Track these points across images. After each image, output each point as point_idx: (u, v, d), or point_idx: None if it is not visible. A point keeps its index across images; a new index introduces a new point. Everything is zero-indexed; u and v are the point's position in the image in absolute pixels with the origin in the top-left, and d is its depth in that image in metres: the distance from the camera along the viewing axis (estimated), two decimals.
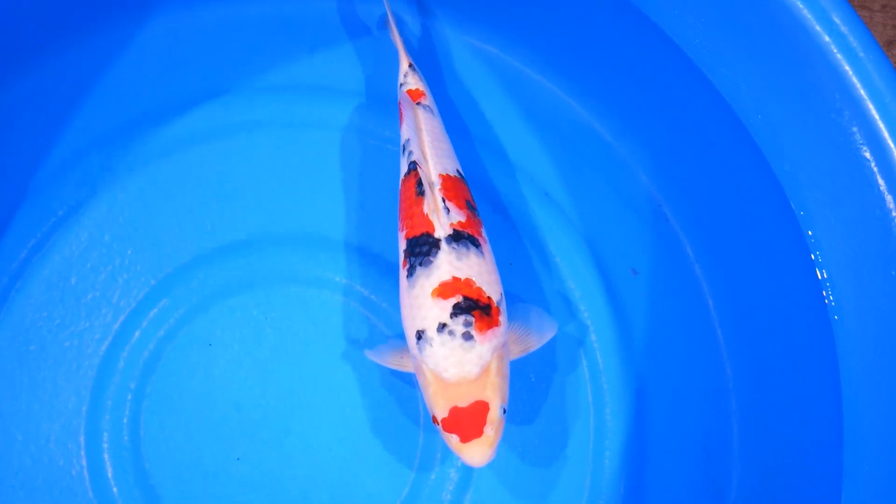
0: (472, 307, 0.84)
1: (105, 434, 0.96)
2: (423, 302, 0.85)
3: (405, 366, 0.89)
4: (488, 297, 0.85)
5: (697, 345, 0.99)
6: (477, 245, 0.87)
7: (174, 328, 0.98)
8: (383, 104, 1.01)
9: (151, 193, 0.99)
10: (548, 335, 0.91)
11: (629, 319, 1.00)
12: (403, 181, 0.91)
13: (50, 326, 0.96)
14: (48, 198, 0.98)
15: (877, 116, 0.80)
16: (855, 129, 0.82)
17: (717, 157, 0.97)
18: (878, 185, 0.81)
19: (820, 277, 0.88)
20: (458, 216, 0.87)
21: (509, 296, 0.97)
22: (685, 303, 0.99)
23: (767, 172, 0.90)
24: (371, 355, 0.92)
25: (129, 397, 0.96)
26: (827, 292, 0.87)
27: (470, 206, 0.89)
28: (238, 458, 0.95)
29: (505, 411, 0.83)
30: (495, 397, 0.83)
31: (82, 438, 0.96)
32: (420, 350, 0.84)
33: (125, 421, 0.96)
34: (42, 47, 0.98)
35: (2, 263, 0.97)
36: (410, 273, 0.86)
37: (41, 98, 0.99)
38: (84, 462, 0.95)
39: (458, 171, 0.91)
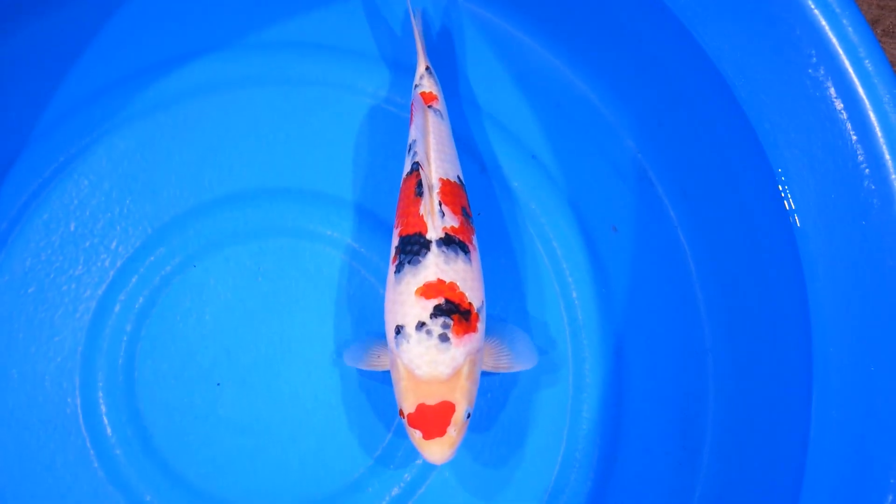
0: (453, 311, 0.87)
1: (100, 374, 0.99)
2: (406, 299, 0.88)
3: (380, 365, 0.92)
4: (469, 303, 0.88)
5: (677, 306, 1.01)
6: (466, 252, 0.89)
7: (169, 275, 1.01)
8: (381, 64, 1.05)
9: (150, 144, 1.02)
10: (523, 365, 0.93)
11: (610, 279, 1.03)
12: (405, 180, 0.93)
13: (48, 270, 0.99)
14: (49, 145, 1.01)
15: (853, 74, 0.83)
16: (831, 88, 0.85)
17: (701, 123, 0.99)
18: (851, 141, 0.84)
19: (798, 236, 0.90)
20: (451, 221, 0.90)
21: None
22: (666, 264, 1.02)
23: (750, 136, 0.92)
24: (347, 359, 0.95)
25: (125, 340, 0.99)
26: (805, 251, 0.90)
27: (465, 213, 0.91)
28: (218, 384, 0.97)
29: (469, 415, 0.86)
30: (463, 400, 0.86)
31: (77, 379, 0.99)
32: (397, 344, 0.87)
33: (120, 363, 0.99)
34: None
35: (2, 208, 1.00)
36: (399, 269, 0.89)
37: (44, 48, 1.01)
38: (78, 401, 0.98)
39: (458, 177, 0.93)
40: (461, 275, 0.88)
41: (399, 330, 0.87)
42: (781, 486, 0.91)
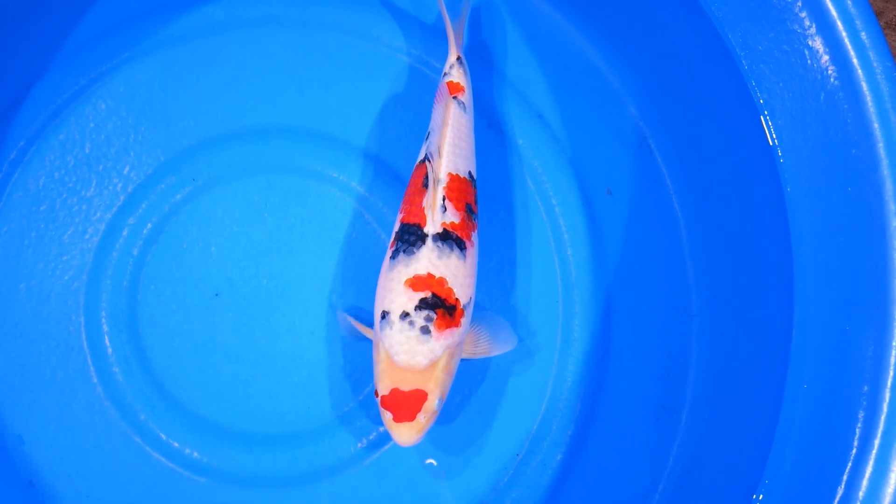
0: (438, 305, 0.89)
1: (104, 295, 1.02)
2: (395, 286, 0.90)
3: (363, 329, 0.95)
4: (456, 299, 0.90)
5: (667, 270, 1.04)
6: (462, 248, 0.91)
7: (179, 203, 1.03)
8: (398, 14, 1.07)
9: (169, 76, 1.05)
10: (502, 348, 0.96)
11: (605, 240, 1.06)
12: (417, 167, 0.95)
13: (61, 189, 1.02)
14: (72, 68, 1.03)
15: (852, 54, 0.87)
16: (830, 68, 0.88)
17: (703, 95, 1.02)
18: (847, 119, 0.87)
19: (789, 208, 0.93)
20: (453, 217, 0.91)
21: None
22: (660, 230, 1.05)
23: (751, 111, 0.95)
24: (341, 318, 0.98)
25: (131, 263, 1.02)
26: (795, 223, 0.93)
27: (469, 210, 0.93)
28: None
29: (441, 404, 0.89)
30: (436, 390, 0.88)
31: (83, 298, 1.02)
32: (381, 328, 0.89)
33: (124, 285, 1.02)
34: None
35: (22, 126, 1.03)
36: (394, 256, 0.91)
37: None
38: (82, 319, 1.01)
39: (470, 173, 0.95)
40: (452, 271, 0.90)
41: (384, 315, 0.90)
42: (752, 450, 0.94)
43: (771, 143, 0.94)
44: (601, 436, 1.03)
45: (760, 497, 0.90)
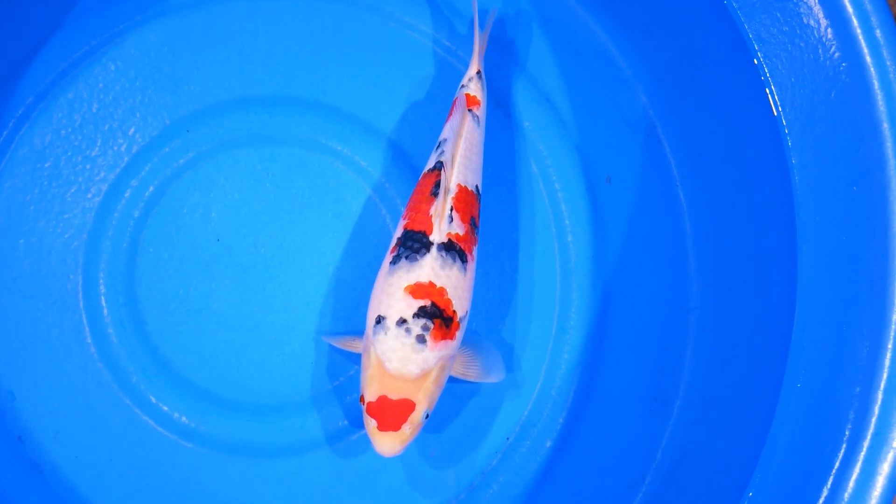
0: (436, 315, 0.88)
1: (103, 256, 1.02)
2: (394, 292, 0.89)
3: (353, 347, 0.95)
4: (454, 311, 0.89)
5: (669, 262, 1.04)
6: (464, 261, 0.91)
7: (181, 168, 1.03)
8: None
9: (179, 40, 1.05)
10: (490, 378, 0.96)
11: (607, 228, 1.05)
12: (424, 175, 0.95)
13: (66, 147, 1.02)
14: (82, 29, 1.04)
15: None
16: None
17: (715, 88, 1.01)
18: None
19: (797, 205, 0.92)
20: (458, 229, 0.91)
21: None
22: (664, 221, 1.04)
23: (765, 110, 0.94)
24: (326, 337, 0.99)
25: (131, 225, 1.02)
26: (801, 221, 0.92)
27: (472, 223, 0.93)
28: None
29: (427, 417, 0.88)
30: (424, 401, 0.88)
31: (82, 257, 1.02)
32: (374, 333, 0.89)
33: (124, 247, 1.02)
34: None
35: (31, 82, 1.03)
36: (395, 261, 0.91)
37: None
38: (80, 279, 1.01)
39: (477, 186, 0.95)
40: (453, 282, 0.90)
41: (380, 320, 0.89)
42: (743, 447, 0.93)
43: (780, 139, 0.93)
44: (592, 424, 1.03)
45: (751, 494, 0.89)
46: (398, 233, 0.93)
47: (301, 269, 1.03)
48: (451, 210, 0.91)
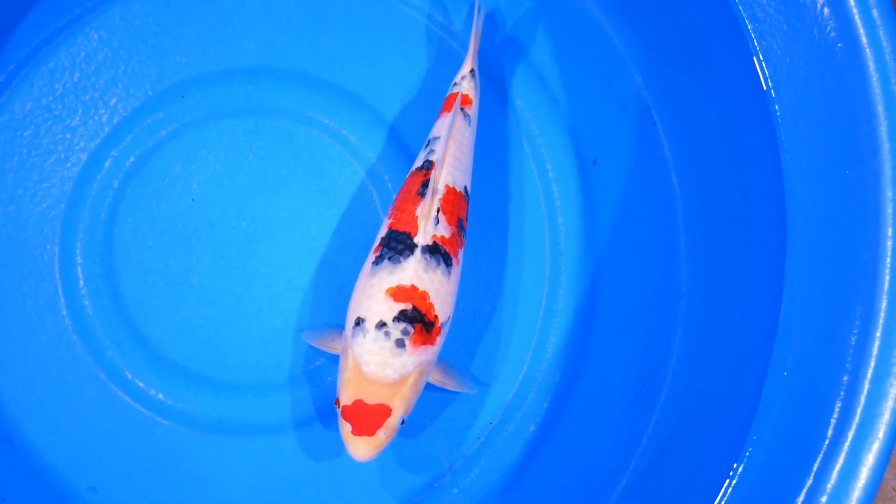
0: (417, 319, 0.86)
1: (81, 226, 1.00)
2: (375, 293, 0.87)
3: (332, 348, 0.93)
4: (435, 316, 0.87)
5: (659, 246, 1.01)
6: (448, 264, 0.88)
7: (163, 140, 1.02)
8: None
9: (164, 10, 1.03)
10: (467, 388, 0.95)
11: (598, 210, 1.03)
12: (412, 173, 0.92)
13: (46, 116, 1.00)
14: None
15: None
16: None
17: (711, 70, 0.99)
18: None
19: (787, 193, 0.90)
20: (444, 231, 0.89)
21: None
22: (655, 204, 1.02)
23: (759, 93, 0.92)
24: (305, 336, 0.96)
25: (110, 196, 1.00)
26: (792, 209, 0.90)
27: (459, 225, 0.90)
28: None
29: (403, 422, 0.86)
30: (400, 407, 0.85)
31: (59, 227, 1.00)
32: (353, 335, 0.86)
33: (102, 217, 1.00)
34: None
35: (13, 50, 1.01)
36: (377, 262, 0.88)
37: None
38: (57, 249, 1.00)
39: (465, 188, 0.92)
40: (436, 286, 0.87)
41: (359, 322, 0.86)
42: (728, 435, 0.91)
43: (774, 123, 0.91)
44: (577, 410, 1.01)
45: (733, 483, 0.87)
46: (382, 232, 0.90)
47: (284, 244, 1.01)
48: (438, 212, 0.88)
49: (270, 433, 0.99)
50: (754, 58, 0.92)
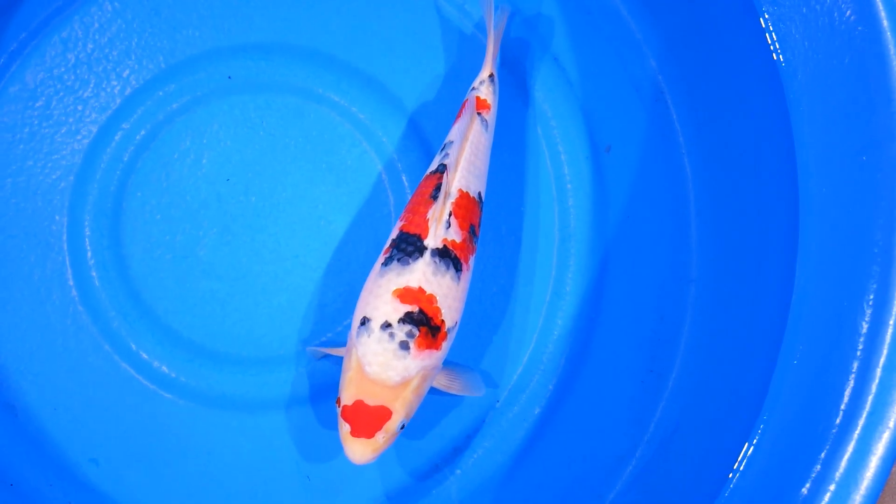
0: (423, 322, 0.85)
1: (90, 198, 1.00)
2: (382, 294, 0.86)
3: (336, 352, 0.93)
4: (442, 321, 0.86)
5: (670, 231, 1.00)
6: (458, 269, 0.88)
7: (174, 113, 1.01)
8: None
9: None
10: (472, 393, 0.94)
11: (609, 193, 1.02)
12: (427, 177, 0.92)
13: (58, 87, 1.00)
14: None
15: None
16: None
17: (729, 58, 0.98)
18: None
19: (801, 186, 0.89)
20: (455, 235, 0.88)
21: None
22: (667, 189, 1.01)
23: (776, 82, 0.91)
24: (312, 351, 0.97)
25: (120, 168, 1.00)
26: (806, 199, 0.89)
27: (471, 231, 0.89)
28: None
29: (403, 427, 0.85)
30: (402, 410, 0.84)
31: (68, 198, 1.00)
32: (358, 334, 0.86)
33: (111, 189, 1.00)
34: None
35: (25, 19, 1.01)
36: (387, 262, 0.87)
37: None
38: (65, 220, 0.99)
39: (479, 194, 0.92)
40: (444, 290, 0.86)
41: (365, 321, 0.86)
42: (735, 424, 0.90)
43: (789, 108, 0.90)
44: (583, 394, 1.00)
45: (740, 470, 0.86)
46: (393, 233, 0.89)
47: (291, 220, 1.00)
48: (450, 216, 0.87)
49: (273, 408, 0.98)
50: (770, 42, 0.90)
